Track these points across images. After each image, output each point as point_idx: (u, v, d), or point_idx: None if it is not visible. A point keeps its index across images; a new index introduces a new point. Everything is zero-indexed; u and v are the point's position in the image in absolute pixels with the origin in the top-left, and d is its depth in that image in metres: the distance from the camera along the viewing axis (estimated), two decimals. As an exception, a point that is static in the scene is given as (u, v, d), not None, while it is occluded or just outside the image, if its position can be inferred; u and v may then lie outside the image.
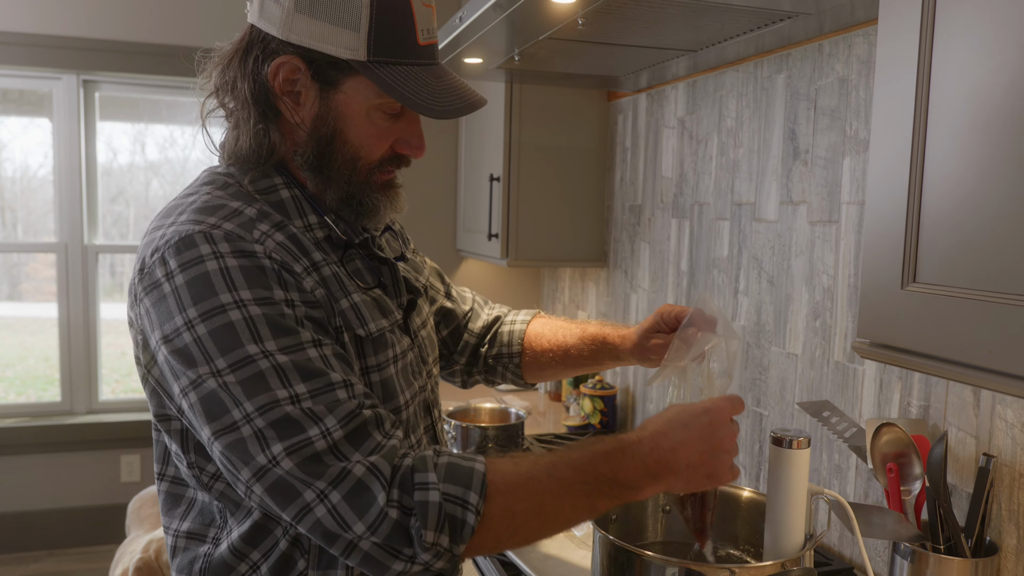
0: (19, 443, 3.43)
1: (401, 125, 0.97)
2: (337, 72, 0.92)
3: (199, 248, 0.85)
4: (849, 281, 1.48)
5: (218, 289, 0.84)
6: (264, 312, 0.84)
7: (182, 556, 0.96)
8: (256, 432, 0.81)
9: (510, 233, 2.44)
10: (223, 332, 0.83)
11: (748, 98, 1.79)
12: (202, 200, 0.91)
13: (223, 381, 0.82)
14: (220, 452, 0.83)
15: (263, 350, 0.83)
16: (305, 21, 0.89)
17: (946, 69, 0.82)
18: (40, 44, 3.31)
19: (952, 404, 1.25)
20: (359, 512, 0.80)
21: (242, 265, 0.85)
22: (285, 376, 0.82)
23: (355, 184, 0.97)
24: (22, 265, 3.70)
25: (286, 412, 0.81)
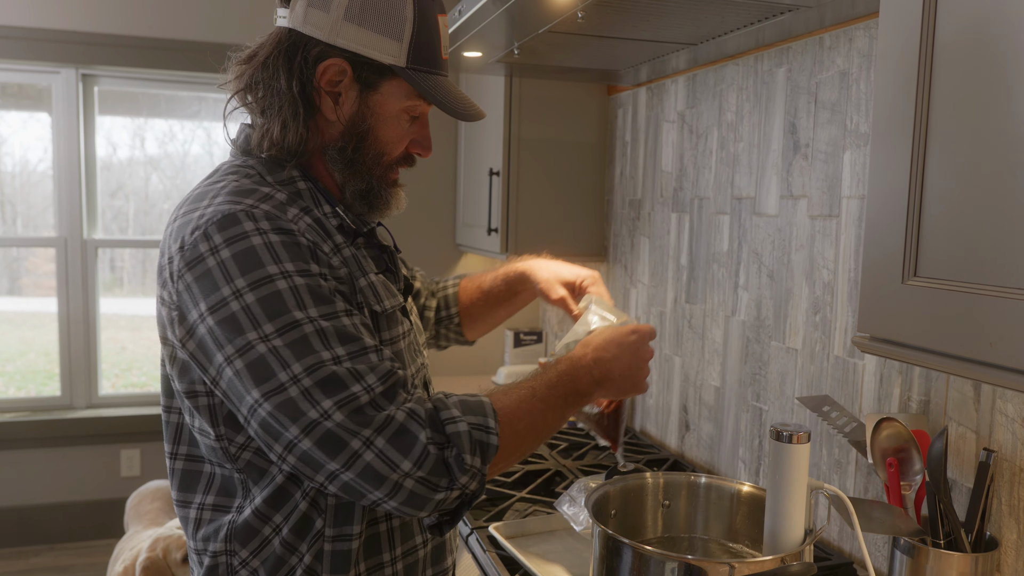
0: (19, 437, 3.43)
1: (415, 128, 1.09)
2: (377, 76, 1.03)
3: (243, 225, 0.93)
4: (849, 276, 1.47)
5: (264, 261, 0.91)
6: (306, 282, 0.92)
7: (207, 527, 1.03)
8: (304, 391, 0.88)
9: (510, 228, 2.44)
10: (271, 300, 0.90)
11: (748, 92, 1.78)
12: (233, 185, 0.98)
13: (272, 345, 0.89)
14: (267, 414, 0.89)
15: (308, 316, 0.90)
16: (353, 29, 1.00)
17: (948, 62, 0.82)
18: (39, 38, 3.30)
19: (952, 399, 1.25)
20: (404, 451, 0.89)
21: (283, 241, 0.93)
22: (327, 339, 0.90)
23: (376, 178, 1.08)
24: (22, 260, 3.70)
25: (332, 371, 0.89)
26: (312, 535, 1.00)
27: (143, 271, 3.88)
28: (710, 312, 1.95)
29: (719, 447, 1.91)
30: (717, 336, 1.92)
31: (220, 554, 1.01)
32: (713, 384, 1.94)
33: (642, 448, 2.11)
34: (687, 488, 1.28)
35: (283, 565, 1.00)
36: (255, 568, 1.00)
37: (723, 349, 1.90)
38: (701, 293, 1.99)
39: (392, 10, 1.00)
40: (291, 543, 1.00)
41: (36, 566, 3.33)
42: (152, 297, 3.86)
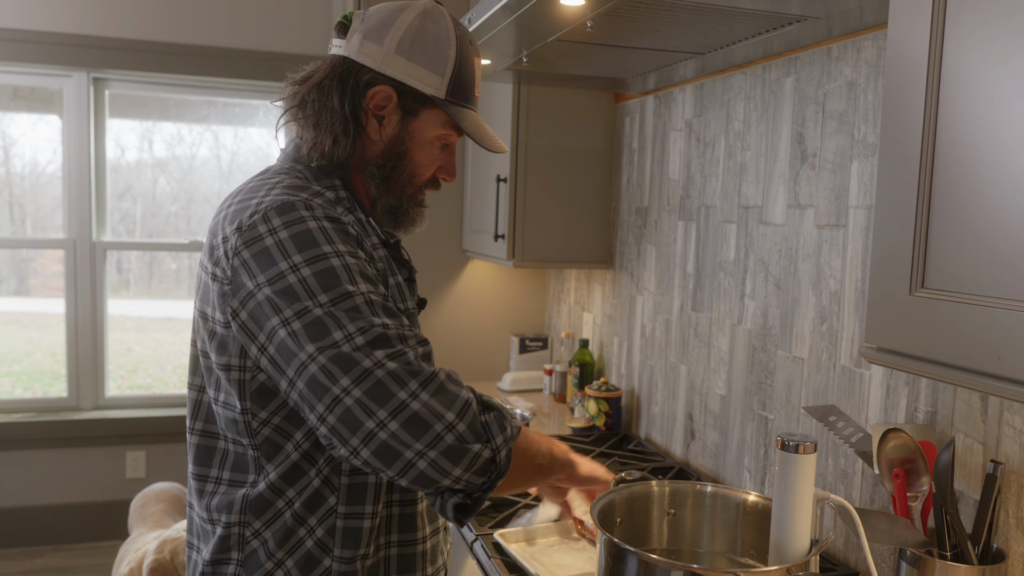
0: (25, 438, 3.44)
1: (445, 155, 1.22)
2: (418, 104, 1.15)
3: (299, 212, 1.03)
4: (856, 286, 1.47)
5: (319, 242, 1.01)
6: (356, 263, 1.03)
7: (220, 498, 1.10)
8: (358, 347, 0.96)
9: (516, 234, 2.44)
10: (326, 274, 0.99)
11: (756, 101, 1.79)
12: (288, 182, 1.10)
13: (327, 310, 0.98)
14: (320, 367, 0.96)
15: (358, 290, 1.00)
16: (402, 62, 1.13)
17: (957, 74, 0.82)
18: (51, 42, 3.33)
19: (960, 410, 1.25)
20: (447, 404, 0.97)
21: (335, 227, 1.04)
22: (375, 309, 1.00)
23: (406, 197, 1.20)
24: (30, 261, 3.71)
25: (382, 332, 0.98)
26: (324, 511, 1.08)
27: (149, 273, 3.90)
28: (716, 320, 1.95)
29: (724, 456, 1.91)
30: (723, 344, 1.92)
31: (234, 525, 1.09)
32: (719, 392, 1.94)
33: (647, 456, 2.11)
34: (693, 497, 1.28)
35: (291, 536, 1.08)
36: (265, 539, 1.08)
37: (729, 358, 1.90)
38: (707, 301, 1.99)
39: (438, 49, 1.14)
40: (302, 516, 1.07)
41: (41, 567, 3.34)
42: (159, 299, 3.88)
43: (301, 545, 1.08)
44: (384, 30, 1.13)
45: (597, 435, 2.27)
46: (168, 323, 3.97)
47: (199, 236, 3.81)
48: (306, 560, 1.08)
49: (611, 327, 2.55)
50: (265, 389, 1.05)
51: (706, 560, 1.26)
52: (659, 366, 2.24)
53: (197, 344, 1.12)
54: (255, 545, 1.08)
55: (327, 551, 1.08)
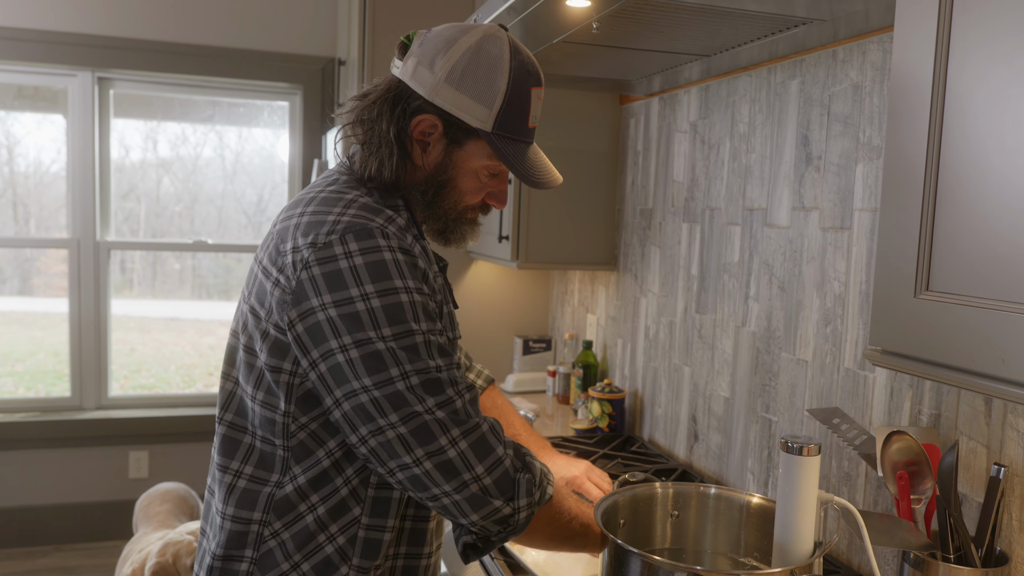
0: (28, 438, 3.45)
1: (494, 183, 1.21)
2: (464, 134, 1.14)
3: (376, 240, 1.04)
4: (860, 288, 1.47)
5: (392, 275, 1.03)
6: (421, 300, 1.05)
7: (243, 494, 1.11)
8: (411, 387, 1.01)
9: (520, 235, 2.44)
10: (394, 308, 1.02)
11: (761, 103, 1.79)
12: (363, 201, 1.10)
13: (389, 346, 1.01)
14: (370, 400, 1.00)
15: (420, 328, 1.03)
16: (451, 92, 1.11)
17: (962, 76, 0.82)
18: (57, 41, 3.34)
19: (964, 413, 1.25)
20: (481, 456, 1.03)
21: (407, 260, 1.06)
22: (431, 350, 1.03)
23: (451, 220, 1.20)
24: (34, 260, 3.72)
25: (436, 376, 1.03)
26: (348, 521, 1.09)
27: (153, 273, 3.91)
28: (720, 322, 1.95)
29: (728, 458, 1.91)
30: (727, 346, 1.92)
31: (254, 522, 1.10)
32: (722, 394, 1.94)
33: (650, 458, 2.11)
34: (696, 499, 1.28)
35: (311, 540, 1.09)
36: (284, 540, 1.09)
37: (733, 360, 1.90)
38: (711, 303, 1.99)
39: (488, 81, 1.11)
40: (324, 523, 1.09)
41: (44, 567, 3.34)
42: (162, 299, 3.88)
43: (320, 550, 1.08)
44: (438, 57, 1.11)
45: (600, 437, 2.27)
46: (171, 323, 3.97)
47: (203, 236, 3.82)
48: (324, 566, 1.08)
49: (615, 329, 2.56)
50: (311, 396, 1.06)
51: (709, 562, 1.26)
52: (663, 368, 2.24)
53: (240, 338, 1.12)
54: (272, 545, 1.09)
55: (346, 559, 1.09)
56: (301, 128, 3.69)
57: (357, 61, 2.84)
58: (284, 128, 3.83)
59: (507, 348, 3.12)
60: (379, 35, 2.75)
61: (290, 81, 3.62)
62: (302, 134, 3.69)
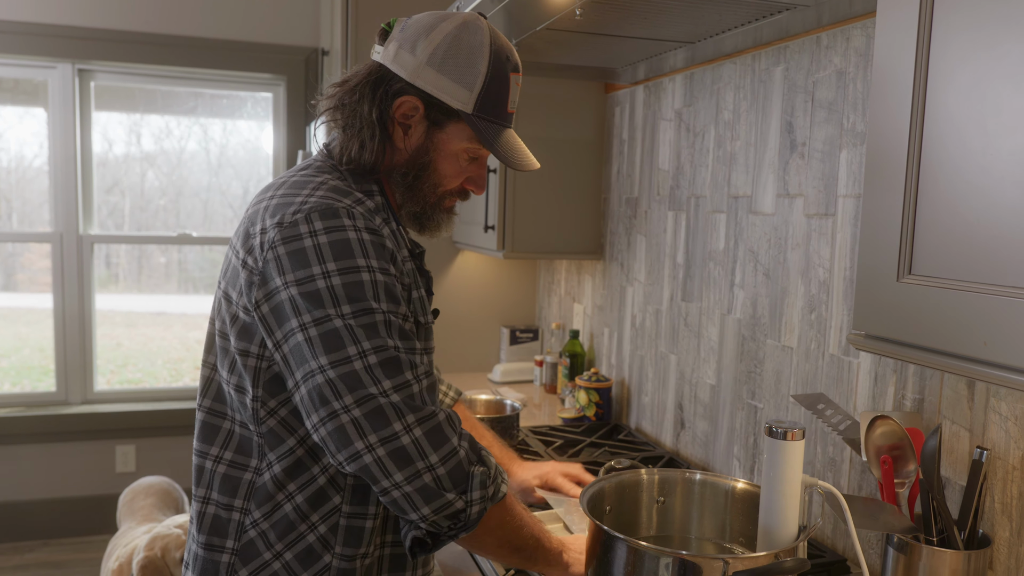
0: (14, 433, 3.42)
1: (474, 167, 1.21)
2: (445, 117, 1.15)
3: (342, 220, 1.04)
4: (845, 274, 1.48)
5: (356, 253, 1.03)
6: (385, 280, 1.04)
7: (223, 479, 1.11)
8: (368, 367, 1.00)
9: (506, 225, 2.44)
10: (355, 287, 1.01)
11: (745, 91, 1.79)
12: (331, 184, 1.10)
13: (347, 323, 1.00)
14: (327, 380, 0.99)
15: (380, 308, 1.02)
16: (433, 74, 1.12)
17: (944, 61, 0.82)
18: (35, 32, 3.29)
19: (946, 397, 1.25)
20: (436, 445, 1.01)
21: (372, 240, 1.05)
22: (391, 330, 1.03)
23: (429, 205, 1.20)
24: (17, 255, 3.68)
25: (394, 356, 1.02)
26: (328, 509, 1.09)
27: (138, 267, 3.88)
28: (706, 310, 1.96)
29: (714, 445, 1.92)
30: (713, 334, 1.93)
31: (233, 509, 1.10)
32: (708, 382, 1.95)
33: (637, 445, 2.11)
34: (682, 485, 1.29)
35: (292, 530, 1.08)
36: (264, 530, 1.08)
37: (719, 347, 1.90)
38: (697, 291, 1.99)
39: (469, 64, 1.12)
40: (304, 512, 1.08)
41: (31, 561, 3.33)
42: (148, 294, 3.86)
43: (302, 539, 1.08)
44: (419, 40, 1.12)
45: (587, 425, 2.27)
46: (158, 317, 3.95)
47: (188, 230, 3.79)
48: (307, 555, 1.08)
49: (601, 318, 2.56)
50: (278, 379, 1.06)
51: (695, 547, 1.26)
52: (649, 356, 2.25)
53: (216, 324, 1.13)
54: (252, 535, 1.09)
55: (328, 548, 1.09)
56: (285, 119, 3.66)
57: (340, 51, 2.82)
58: (268, 120, 3.80)
59: (494, 338, 3.11)
60: (362, 25, 2.73)
61: (273, 72, 3.59)
62: (286, 125, 3.66)
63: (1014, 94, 0.75)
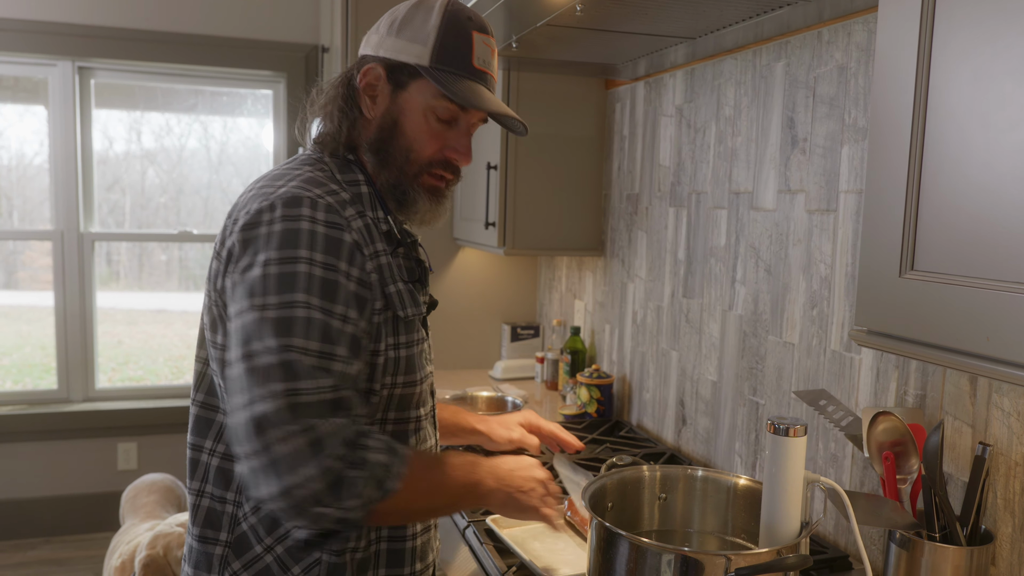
0: (16, 431, 3.42)
1: (452, 134, 1.16)
2: (407, 76, 1.13)
3: (301, 209, 1.02)
4: (847, 270, 1.48)
5: (300, 245, 1.00)
6: (324, 275, 1.00)
7: (217, 472, 1.11)
8: (266, 366, 0.94)
9: (507, 222, 2.44)
10: (287, 278, 0.98)
11: (746, 86, 1.78)
12: (308, 175, 1.09)
13: (266, 315, 0.97)
14: (237, 374, 0.97)
15: (308, 303, 0.97)
16: (391, 40, 1.14)
17: (946, 56, 0.82)
18: (35, 30, 3.29)
19: (949, 393, 1.25)
20: (309, 459, 0.92)
21: (328, 234, 1.02)
22: (310, 329, 0.97)
23: (406, 175, 1.15)
24: (18, 253, 3.68)
25: (298, 359, 0.95)
26: None
27: (139, 265, 3.88)
28: (707, 307, 1.95)
29: (716, 441, 1.92)
30: (714, 331, 1.92)
31: (227, 502, 1.10)
32: (710, 378, 1.95)
33: (638, 442, 2.11)
34: (684, 481, 1.29)
35: (280, 525, 1.07)
36: (253, 523, 1.08)
37: (720, 343, 1.90)
38: (698, 288, 1.99)
39: (423, 23, 1.13)
40: None
41: (33, 559, 3.33)
42: (149, 291, 3.86)
43: (291, 534, 1.07)
44: (383, 21, 1.17)
45: (589, 422, 2.27)
46: (159, 315, 3.95)
47: (189, 227, 3.79)
48: (298, 549, 1.07)
49: (602, 314, 2.56)
50: None
51: (697, 543, 1.26)
52: (650, 353, 2.25)
53: (204, 318, 1.14)
54: (244, 528, 1.09)
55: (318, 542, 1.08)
56: (285, 116, 3.66)
57: (340, 48, 2.81)
58: (268, 117, 3.80)
59: (495, 335, 3.11)
60: (362, 21, 2.72)
61: (273, 69, 3.58)
62: (286, 122, 3.66)
63: (1016, 89, 0.74)
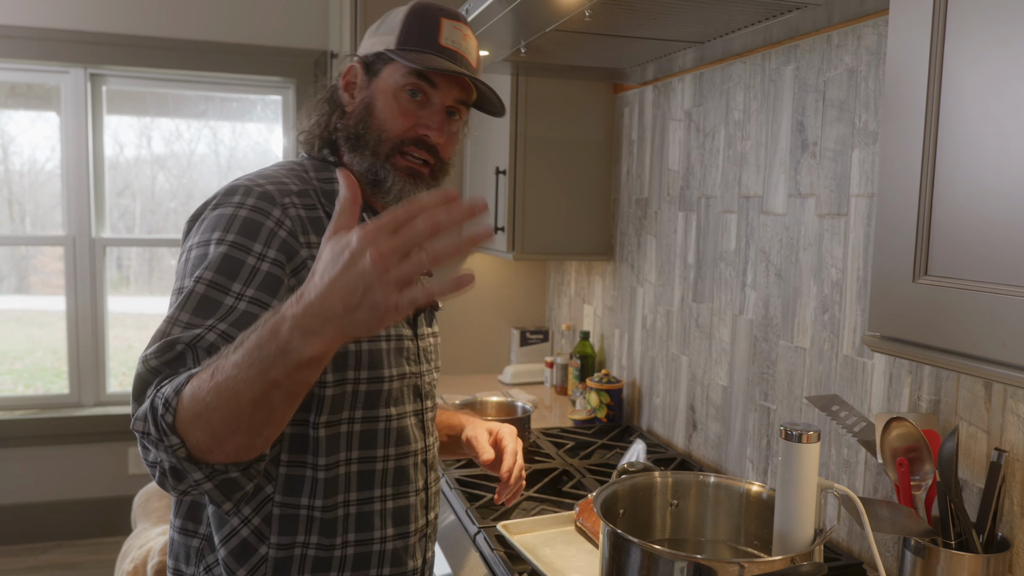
0: (27, 435, 3.44)
1: (426, 112, 1.15)
2: (379, 63, 1.17)
3: (235, 197, 1.05)
4: (858, 274, 1.47)
5: (219, 227, 1.02)
6: (228, 252, 1.00)
7: None
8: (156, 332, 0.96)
9: (516, 227, 2.44)
10: (198, 258, 1.01)
11: (756, 90, 1.78)
12: (269, 170, 1.13)
13: (178, 291, 1.00)
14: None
15: (201, 278, 0.99)
16: (368, 40, 1.20)
17: (959, 60, 0.81)
18: (48, 38, 3.31)
19: (963, 398, 1.24)
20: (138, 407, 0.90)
21: (248, 217, 1.03)
22: (187, 302, 0.97)
23: (379, 155, 1.14)
24: (30, 258, 3.71)
25: (170, 340, 0.94)
26: (261, 499, 1.06)
27: (149, 270, 3.89)
28: (717, 311, 1.95)
29: (727, 446, 1.91)
30: (724, 335, 1.92)
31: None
32: (720, 383, 1.94)
33: (649, 447, 2.11)
34: (696, 488, 1.28)
35: (225, 524, 1.07)
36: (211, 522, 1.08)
37: (731, 348, 1.89)
38: (708, 292, 1.99)
39: (393, 16, 1.19)
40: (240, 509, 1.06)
41: (45, 563, 3.34)
42: (159, 296, 3.87)
43: (236, 533, 1.06)
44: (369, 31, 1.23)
45: (599, 427, 2.26)
46: (169, 319, 3.96)
47: (199, 232, 3.81)
48: (242, 548, 1.06)
49: (612, 319, 2.55)
50: None
51: (709, 550, 1.25)
52: (660, 357, 2.24)
53: None
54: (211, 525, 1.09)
55: (263, 538, 1.06)
56: (294, 122, 3.67)
57: (349, 53, 2.82)
58: (277, 122, 3.81)
59: (504, 340, 3.11)
60: (372, 27, 2.73)
61: (282, 75, 3.60)
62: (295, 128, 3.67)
63: (1032, 93, 0.74)
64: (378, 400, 1.12)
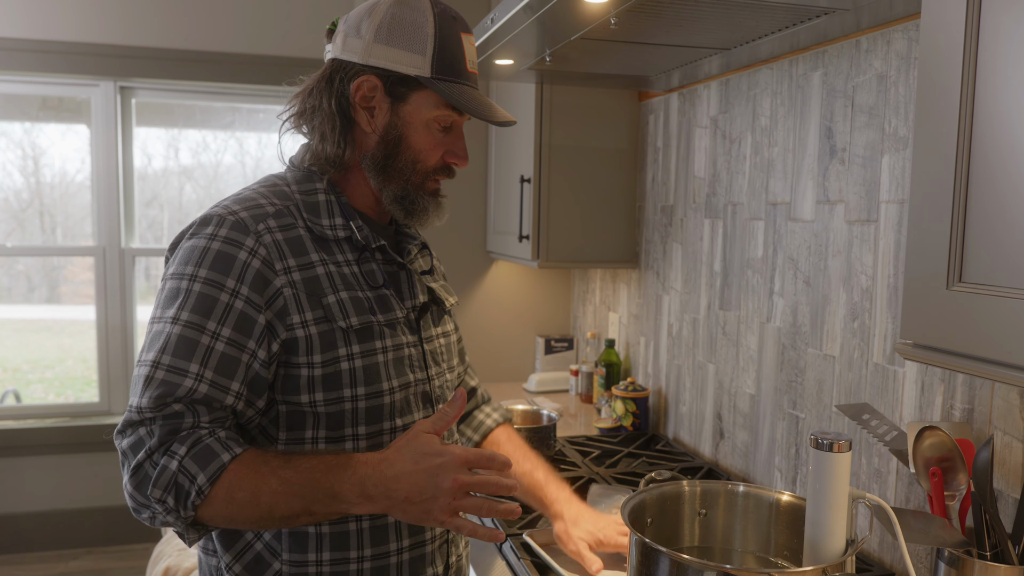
0: (59, 443, 3.49)
1: (450, 139, 1.16)
2: (406, 88, 1.12)
3: (208, 228, 1.05)
4: (888, 282, 1.45)
5: (192, 261, 1.03)
6: (202, 290, 1.01)
7: None
8: (139, 377, 1.00)
9: (541, 234, 2.44)
10: (172, 293, 1.02)
11: (783, 96, 1.77)
12: (246, 194, 1.11)
13: (151, 329, 1.03)
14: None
15: (176, 317, 1.00)
16: (383, 49, 1.10)
17: (994, 62, 0.80)
18: (79, 52, 3.38)
19: (998, 407, 1.22)
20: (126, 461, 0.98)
21: (221, 250, 1.03)
22: (168, 343, 0.99)
23: (412, 185, 1.15)
24: (61, 268, 3.77)
25: (151, 373, 0.98)
26: None
27: (178, 279, 3.94)
28: (744, 319, 1.93)
29: (754, 455, 1.89)
30: (752, 343, 1.90)
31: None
32: (748, 391, 1.92)
33: (675, 456, 2.09)
34: (724, 497, 1.27)
35: (240, 538, 1.09)
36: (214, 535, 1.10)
37: (758, 356, 1.87)
38: (735, 299, 1.97)
39: (415, 28, 1.11)
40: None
41: (76, 569, 3.39)
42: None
43: (250, 547, 1.08)
44: (362, 22, 1.12)
45: (624, 435, 2.25)
46: (196, 328, 4.00)
47: (226, 241, 3.85)
48: (255, 563, 1.07)
49: (637, 327, 2.54)
50: None
51: (738, 560, 1.24)
52: (687, 365, 2.22)
53: None
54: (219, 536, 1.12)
55: (276, 554, 1.07)
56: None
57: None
58: (304, 132, 3.85)
59: (529, 348, 3.11)
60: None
61: (308, 86, 3.63)
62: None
63: (1069, 96, 0.73)
64: (381, 414, 1.10)
